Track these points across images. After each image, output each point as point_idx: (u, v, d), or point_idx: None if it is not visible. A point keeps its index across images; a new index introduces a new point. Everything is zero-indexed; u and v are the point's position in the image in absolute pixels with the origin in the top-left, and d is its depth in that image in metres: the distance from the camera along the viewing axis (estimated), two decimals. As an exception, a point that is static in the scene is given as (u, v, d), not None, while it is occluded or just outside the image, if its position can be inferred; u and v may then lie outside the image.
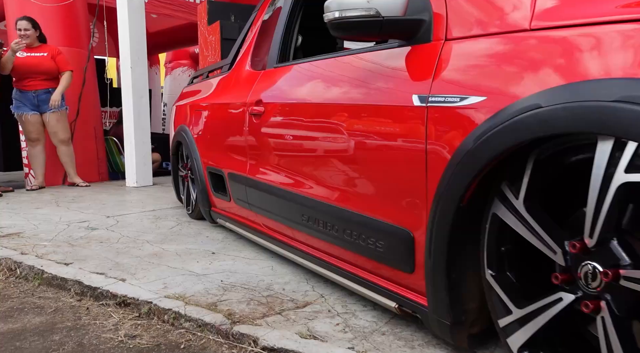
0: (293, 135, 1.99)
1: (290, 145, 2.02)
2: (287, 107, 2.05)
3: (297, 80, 2.07)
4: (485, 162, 1.11)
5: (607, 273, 0.93)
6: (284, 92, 2.13)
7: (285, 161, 2.08)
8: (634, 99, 0.83)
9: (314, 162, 1.85)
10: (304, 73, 2.03)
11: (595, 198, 0.94)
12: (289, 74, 2.17)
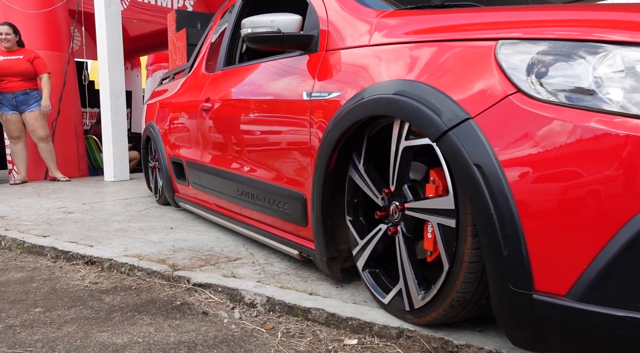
0: (228, 125, 2.44)
1: (226, 134, 2.48)
2: (225, 103, 2.50)
3: (234, 80, 2.53)
4: (338, 137, 1.57)
5: (400, 206, 1.40)
6: (224, 91, 2.59)
7: (223, 147, 2.53)
8: (402, 93, 1.30)
9: (242, 145, 2.31)
10: (238, 75, 2.49)
11: (393, 159, 1.41)
12: (229, 75, 2.62)
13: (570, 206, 0.98)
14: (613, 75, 1.00)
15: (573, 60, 1.04)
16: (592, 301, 0.96)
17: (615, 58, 1.00)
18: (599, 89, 1.00)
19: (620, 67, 1.00)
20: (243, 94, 2.34)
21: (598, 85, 1.00)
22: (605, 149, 0.95)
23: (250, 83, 2.32)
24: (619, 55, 1.00)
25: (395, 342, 1.40)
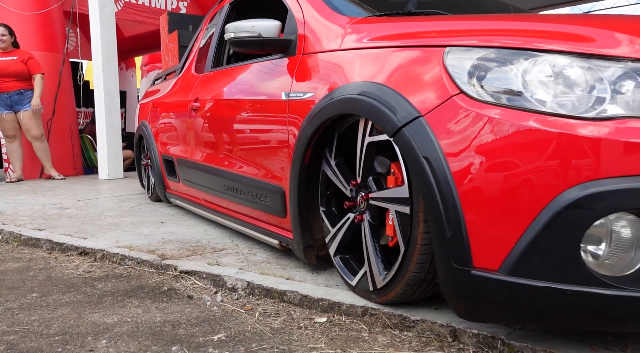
0: (215, 123, 2.58)
1: (213, 132, 2.62)
2: (212, 103, 2.64)
3: (221, 81, 2.66)
4: (311, 134, 1.71)
5: (365, 197, 1.54)
6: (211, 91, 2.72)
7: (211, 144, 2.67)
8: (365, 93, 1.45)
9: (228, 143, 2.45)
10: (225, 76, 2.63)
11: (359, 153, 1.56)
12: (217, 77, 2.76)
13: (500, 193, 1.13)
14: (538, 79, 1.14)
15: (505, 65, 1.19)
16: (518, 274, 1.11)
17: (540, 64, 1.15)
18: (526, 91, 1.15)
19: (546, 73, 1.14)
20: (229, 94, 2.48)
21: (525, 88, 1.15)
22: (528, 143, 1.09)
23: (235, 84, 2.46)
24: (544, 61, 1.15)
25: (360, 319, 1.55)
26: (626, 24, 1.22)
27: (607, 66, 1.11)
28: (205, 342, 1.45)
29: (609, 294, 1.04)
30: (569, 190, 1.05)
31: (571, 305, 1.07)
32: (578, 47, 1.15)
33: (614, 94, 1.10)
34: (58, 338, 1.50)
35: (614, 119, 1.08)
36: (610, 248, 1.09)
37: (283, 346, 1.41)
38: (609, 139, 1.05)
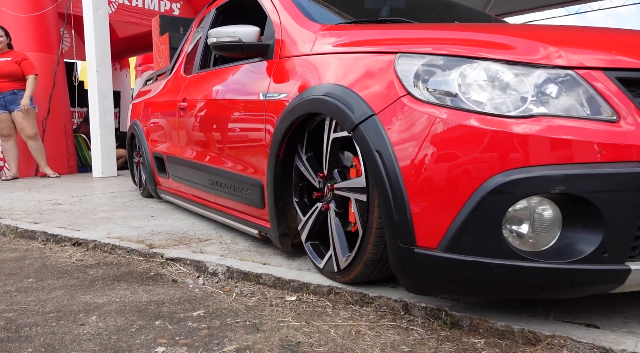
0: (201, 122, 2.74)
1: (199, 130, 2.78)
2: (198, 102, 2.80)
3: (207, 82, 2.83)
4: (284, 131, 1.88)
5: (330, 187, 1.71)
6: (198, 91, 2.89)
7: (197, 142, 2.83)
8: (329, 94, 1.62)
9: (212, 140, 2.61)
10: (211, 77, 2.79)
11: (325, 148, 1.73)
12: (203, 78, 2.93)
13: (438, 181, 1.30)
14: (470, 83, 1.32)
15: (444, 71, 1.36)
16: (452, 251, 1.28)
17: (473, 70, 1.32)
18: (461, 93, 1.32)
19: (477, 77, 1.32)
20: (213, 94, 2.64)
21: (460, 90, 1.32)
22: (459, 137, 1.27)
23: (219, 85, 2.62)
24: (477, 68, 1.32)
25: (326, 297, 1.71)
26: (551, 34, 1.39)
27: (529, 72, 1.29)
28: (186, 318, 1.62)
29: (525, 266, 1.21)
30: (492, 178, 1.22)
31: (495, 276, 1.24)
32: (506, 55, 1.32)
33: (534, 95, 1.27)
34: (53, 315, 1.66)
35: (534, 117, 1.25)
36: (532, 228, 1.26)
37: (255, 320, 1.58)
38: (528, 134, 1.22)
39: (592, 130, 1.21)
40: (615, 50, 1.32)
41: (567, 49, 1.31)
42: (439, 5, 2.77)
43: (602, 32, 1.54)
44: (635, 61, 1.28)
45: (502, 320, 1.37)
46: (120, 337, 1.48)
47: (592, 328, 1.31)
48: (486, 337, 1.38)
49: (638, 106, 1.23)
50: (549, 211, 1.26)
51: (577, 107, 1.25)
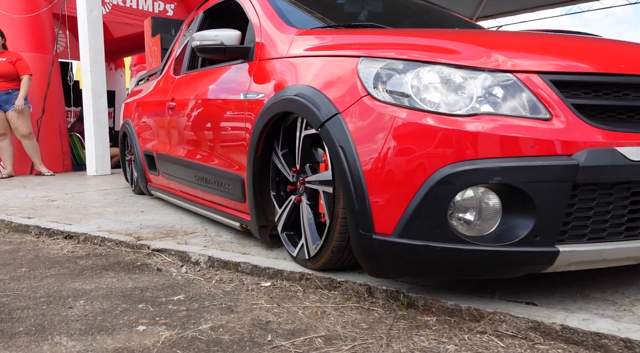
0: (188, 120, 2.87)
1: (187, 128, 2.91)
2: (186, 102, 2.93)
3: (194, 83, 2.96)
4: (262, 129, 2.01)
5: (302, 181, 1.85)
6: (186, 91, 3.01)
7: (185, 140, 2.96)
8: (300, 94, 1.75)
9: (198, 138, 2.74)
10: (197, 78, 2.92)
11: (297, 145, 1.86)
12: (191, 78, 3.05)
13: (393, 173, 1.43)
14: (422, 84, 1.45)
15: (400, 73, 1.49)
16: (404, 236, 1.41)
17: (425, 73, 1.46)
18: (414, 93, 1.45)
19: (428, 79, 1.45)
20: (200, 94, 2.77)
21: (413, 91, 1.45)
22: (412, 133, 1.40)
23: (205, 85, 2.75)
24: (429, 71, 1.46)
25: (298, 283, 1.85)
26: (499, 40, 1.53)
27: (474, 75, 1.42)
28: (167, 301, 1.75)
29: (468, 249, 1.35)
30: (438, 171, 1.36)
31: (442, 258, 1.38)
32: (455, 60, 1.46)
33: (479, 96, 1.40)
34: (43, 300, 1.79)
35: (478, 116, 1.38)
36: (478, 216, 1.40)
37: (230, 303, 1.71)
38: (471, 131, 1.36)
39: (527, 128, 1.34)
40: (551, 56, 1.46)
41: (509, 55, 1.44)
42: (417, 9, 2.90)
43: (541, 39, 1.68)
44: (568, 65, 1.42)
45: (453, 300, 1.51)
46: (105, 318, 1.61)
47: (531, 305, 1.45)
48: (437, 315, 1.51)
49: (569, 106, 1.37)
50: (492, 200, 1.39)
51: (515, 107, 1.38)
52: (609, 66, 1.45)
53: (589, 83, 1.41)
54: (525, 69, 1.40)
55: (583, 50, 1.54)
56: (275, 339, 1.41)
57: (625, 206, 1.37)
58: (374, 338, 1.39)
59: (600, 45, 1.61)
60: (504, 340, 1.34)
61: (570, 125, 1.35)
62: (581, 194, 1.33)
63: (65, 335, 1.48)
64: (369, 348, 1.34)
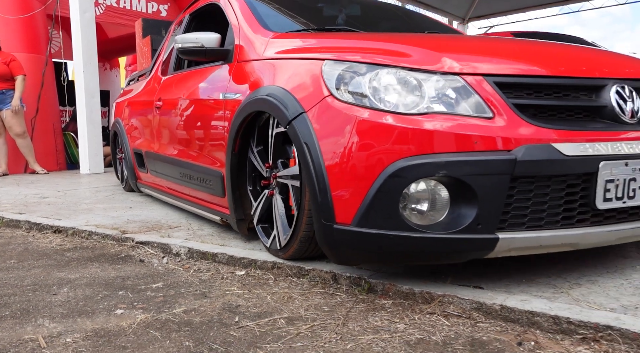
0: (173, 119, 2.99)
1: (172, 127, 3.02)
2: (171, 101, 3.05)
3: (179, 83, 3.07)
4: (238, 127, 2.13)
5: (274, 176, 1.97)
6: (171, 91, 3.13)
7: (170, 138, 3.08)
8: (270, 94, 1.87)
9: (183, 136, 2.86)
10: (182, 78, 3.04)
11: (270, 142, 1.98)
12: (176, 79, 3.17)
13: (352, 167, 1.55)
14: (378, 85, 1.57)
15: (359, 75, 1.61)
16: (361, 225, 1.53)
17: (381, 75, 1.58)
18: (371, 94, 1.57)
19: (384, 81, 1.57)
20: (184, 94, 2.89)
21: (370, 91, 1.57)
22: (368, 130, 1.52)
23: (189, 85, 2.87)
24: (384, 73, 1.58)
25: (270, 271, 1.97)
26: (450, 44, 1.64)
27: (426, 77, 1.54)
28: (146, 289, 1.87)
29: (417, 236, 1.47)
30: (391, 165, 1.47)
31: (395, 245, 1.50)
32: (409, 63, 1.58)
33: (430, 97, 1.52)
34: (30, 287, 1.91)
35: (428, 114, 1.50)
36: (430, 206, 1.52)
37: (205, 289, 1.83)
38: (421, 128, 1.48)
39: (472, 125, 1.47)
40: (496, 60, 1.58)
41: (458, 58, 1.56)
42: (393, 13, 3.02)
43: (490, 43, 1.80)
44: (510, 68, 1.54)
45: (408, 285, 1.63)
46: (87, 303, 1.73)
47: (478, 289, 1.57)
48: (394, 299, 1.63)
49: (510, 105, 1.49)
50: (442, 192, 1.51)
51: (462, 106, 1.50)
52: (550, 69, 1.58)
53: (530, 85, 1.54)
54: (472, 72, 1.52)
55: (527, 54, 1.66)
56: (242, 320, 1.53)
57: (561, 197, 1.49)
58: (333, 319, 1.51)
59: (545, 49, 1.73)
60: (450, 320, 1.46)
61: (511, 123, 1.47)
62: (519, 186, 1.45)
63: (48, 318, 1.60)
64: (326, 328, 1.45)
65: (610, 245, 1.71)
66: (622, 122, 1.59)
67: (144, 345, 1.38)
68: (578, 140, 1.49)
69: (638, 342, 1.22)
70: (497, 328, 1.40)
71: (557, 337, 1.32)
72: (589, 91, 1.61)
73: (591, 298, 1.47)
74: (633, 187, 1.54)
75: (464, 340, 1.34)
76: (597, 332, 1.27)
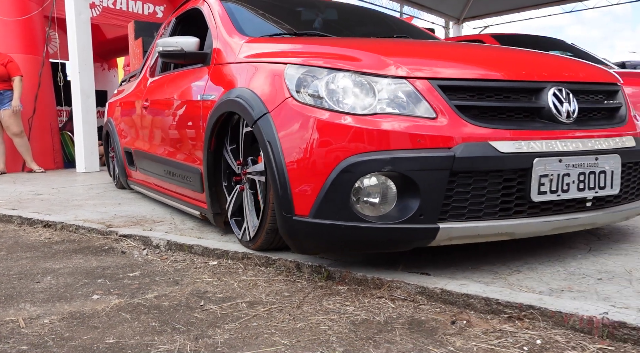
0: (158, 119, 3.12)
1: (157, 126, 3.16)
2: (156, 102, 3.18)
3: (163, 84, 3.20)
4: (212, 127, 2.26)
5: (244, 172, 2.10)
6: (156, 92, 3.26)
7: (156, 136, 3.21)
8: (239, 96, 2.00)
9: (166, 135, 2.99)
10: (166, 80, 3.17)
11: (240, 141, 2.11)
12: (162, 80, 3.30)
13: (308, 163, 1.68)
14: (333, 88, 1.70)
15: (316, 78, 1.74)
16: (317, 217, 1.66)
17: (336, 78, 1.71)
18: (327, 95, 1.70)
19: (338, 84, 1.70)
20: (167, 94, 3.02)
21: (326, 93, 1.70)
22: (323, 128, 1.65)
23: (172, 86, 3.00)
24: (338, 76, 1.71)
25: (240, 261, 2.10)
26: (401, 49, 1.77)
27: (377, 81, 1.67)
28: (124, 277, 2.00)
29: (366, 226, 1.60)
30: (342, 161, 1.60)
31: (347, 235, 1.63)
32: (362, 67, 1.71)
33: (379, 99, 1.65)
34: (16, 276, 2.04)
35: (377, 115, 1.63)
36: (380, 199, 1.65)
37: (177, 277, 1.96)
38: (371, 128, 1.61)
39: (416, 125, 1.60)
40: (441, 64, 1.71)
41: (406, 63, 1.70)
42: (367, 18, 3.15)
43: (437, 48, 1.94)
44: (452, 72, 1.67)
45: (362, 272, 1.76)
46: (67, 290, 1.86)
47: (425, 275, 1.70)
48: (349, 285, 1.76)
49: (452, 107, 1.62)
50: (391, 186, 1.64)
51: (409, 107, 1.63)
52: (492, 73, 1.71)
53: (472, 87, 1.67)
54: (419, 76, 1.65)
55: (472, 59, 1.79)
56: (207, 304, 1.67)
57: (498, 191, 1.62)
58: (290, 303, 1.65)
59: (490, 54, 1.86)
60: (396, 303, 1.60)
61: (452, 123, 1.60)
62: (459, 180, 1.58)
63: (29, 302, 1.73)
64: (282, 310, 1.59)
65: (554, 235, 1.84)
66: (558, 122, 1.72)
67: (114, 325, 1.52)
68: (514, 139, 1.62)
69: (555, 319, 1.35)
70: (436, 310, 1.53)
71: (488, 317, 1.45)
72: (529, 93, 1.74)
73: (525, 283, 1.60)
74: (567, 182, 1.67)
75: (404, 320, 1.47)
76: (521, 311, 1.40)
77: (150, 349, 1.35)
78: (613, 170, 1.75)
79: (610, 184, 1.76)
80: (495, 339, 1.33)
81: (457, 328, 1.40)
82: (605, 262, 1.81)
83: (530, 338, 1.32)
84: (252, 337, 1.40)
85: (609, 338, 1.27)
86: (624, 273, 1.67)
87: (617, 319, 1.26)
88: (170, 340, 1.40)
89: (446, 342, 1.33)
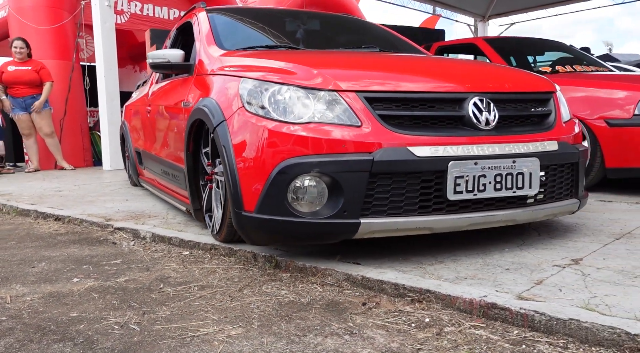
0: (157, 123, 3.42)
1: (155, 129, 3.46)
2: (155, 107, 3.48)
3: (162, 91, 3.50)
4: (188, 132, 2.52)
5: (212, 172, 2.36)
6: (157, 98, 3.57)
7: (155, 139, 3.51)
8: (204, 105, 2.25)
9: (162, 137, 3.28)
10: (165, 87, 3.47)
11: (209, 144, 2.37)
12: (162, 87, 3.60)
13: (254, 164, 1.91)
14: (274, 99, 1.93)
15: (262, 91, 1.97)
16: (260, 212, 1.89)
17: (278, 91, 1.93)
18: (269, 106, 1.93)
19: (279, 96, 1.93)
20: (163, 101, 3.32)
21: (268, 104, 1.93)
22: (264, 135, 1.88)
23: (167, 93, 3.29)
24: (282, 89, 1.93)
25: (208, 252, 2.36)
26: (334, 63, 1.98)
27: (311, 93, 1.89)
28: (106, 264, 2.29)
29: (297, 221, 1.82)
30: (279, 164, 1.83)
31: (282, 229, 1.85)
32: (301, 81, 1.93)
33: (312, 109, 1.87)
34: (16, 262, 2.37)
35: (310, 123, 1.85)
36: (313, 197, 1.86)
37: (150, 265, 2.24)
38: (304, 135, 1.83)
39: (342, 132, 1.80)
40: (369, 76, 1.91)
41: (339, 77, 1.91)
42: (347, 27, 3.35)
43: (372, 60, 2.12)
44: (378, 86, 1.87)
45: (303, 261, 1.98)
46: (55, 274, 2.16)
47: (355, 264, 1.90)
48: (291, 272, 1.99)
49: (375, 116, 1.82)
50: (321, 185, 1.86)
51: (337, 116, 1.84)
52: (416, 85, 1.89)
53: (395, 99, 1.86)
54: (348, 89, 1.86)
55: (400, 72, 1.98)
56: (165, 287, 1.93)
57: (417, 190, 1.81)
58: (235, 287, 1.89)
59: (420, 66, 2.04)
60: (324, 288, 1.81)
61: (374, 131, 1.80)
62: (380, 181, 1.78)
63: (20, 283, 2.04)
64: (225, 293, 1.83)
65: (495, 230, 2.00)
66: (478, 129, 1.89)
67: (82, 302, 1.80)
68: (432, 144, 1.81)
69: (445, 301, 1.54)
70: (356, 294, 1.74)
71: (395, 299, 1.65)
72: (452, 103, 1.92)
73: (438, 272, 1.78)
74: (483, 182, 1.84)
75: (324, 302, 1.69)
76: (420, 294, 1.59)
77: (102, 321, 1.61)
78: (531, 172, 1.91)
79: (529, 185, 1.92)
80: (391, 318, 1.53)
81: (365, 309, 1.61)
82: (526, 255, 1.97)
83: (421, 317, 1.51)
84: (190, 313, 1.65)
85: (484, 317, 1.45)
86: (533, 265, 1.83)
87: (490, 301, 1.44)
88: (122, 314, 1.67)
89: (349, 319, 1.54)
